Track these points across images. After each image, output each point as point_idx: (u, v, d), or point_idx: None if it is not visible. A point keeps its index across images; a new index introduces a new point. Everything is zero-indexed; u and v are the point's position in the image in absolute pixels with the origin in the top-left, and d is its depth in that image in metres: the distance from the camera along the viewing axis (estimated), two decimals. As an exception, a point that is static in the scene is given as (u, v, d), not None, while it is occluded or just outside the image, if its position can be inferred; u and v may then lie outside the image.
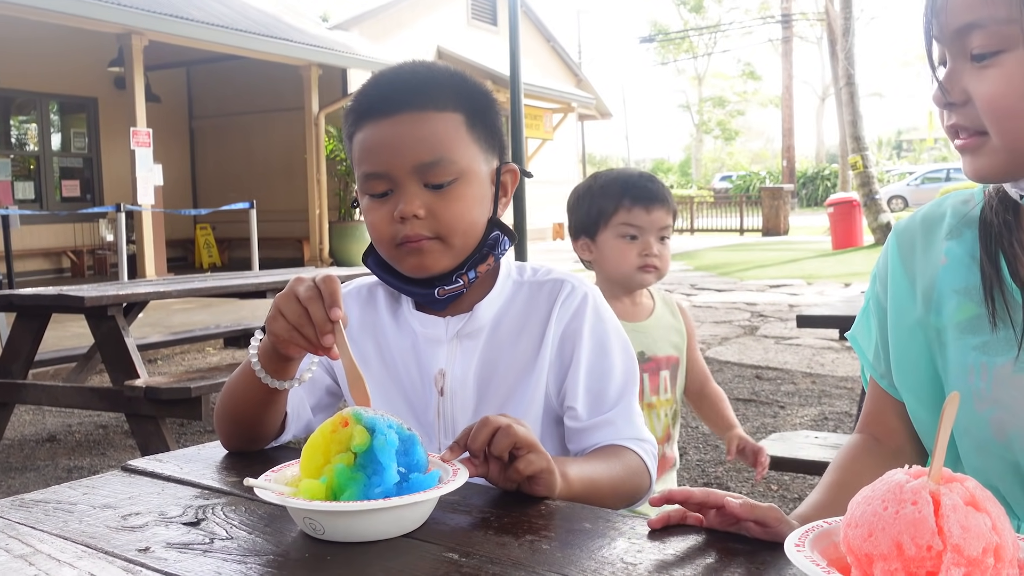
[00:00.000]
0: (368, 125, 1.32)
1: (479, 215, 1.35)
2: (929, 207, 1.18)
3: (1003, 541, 0.69)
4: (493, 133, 1.38)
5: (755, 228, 23.51)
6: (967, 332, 1.07)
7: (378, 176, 1.31)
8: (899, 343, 1.15)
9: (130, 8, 10.54)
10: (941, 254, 1.12)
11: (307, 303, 1.15)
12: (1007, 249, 1.06)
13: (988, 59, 0.96)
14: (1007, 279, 1.05)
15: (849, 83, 16.32)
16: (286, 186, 15.71)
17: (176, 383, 4.06)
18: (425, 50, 17.23)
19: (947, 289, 1.10)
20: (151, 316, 8.55)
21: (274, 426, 1.37)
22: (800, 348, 7.08)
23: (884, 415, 1.20)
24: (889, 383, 1.18)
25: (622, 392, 1.37)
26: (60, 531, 1.05)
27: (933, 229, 1.14)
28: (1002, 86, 0.96)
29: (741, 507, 0.95)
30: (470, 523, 1.05)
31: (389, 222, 1.31)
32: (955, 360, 1.08)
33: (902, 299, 1.15)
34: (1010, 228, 1.06)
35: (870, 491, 0.74)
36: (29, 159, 14.28)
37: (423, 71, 1.35)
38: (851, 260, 14.54)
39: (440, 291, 1.35)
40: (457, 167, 1.30)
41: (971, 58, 0.98)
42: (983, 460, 1.08)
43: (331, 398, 1.47)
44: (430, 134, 1.29)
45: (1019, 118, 0.96)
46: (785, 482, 3.91)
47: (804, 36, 41.56)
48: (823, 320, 3.38)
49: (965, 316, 1.08)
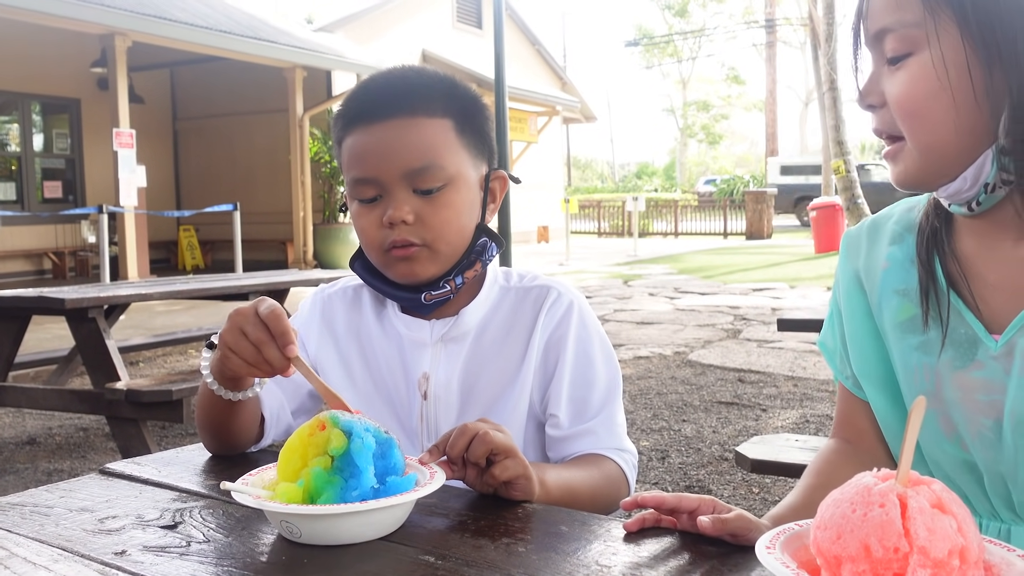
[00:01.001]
0: (358, 130, 1.32)
1: (467, 221, 1.36)
2: (879, 214, 1.22)
3: (968, 543, 0.70)
4: (482, 139, 1.38)
5: (739, 232, 23.61)
6: (907, 332, 1.10)
7: (367, 181, 1.31)
8: (856, 341, 1.17)
9: (113, 9, 10.49)
10: (883, 259, 1.15)
11: (259, 345, 1.11)
12: (940, 250, 1.09)
13: (899, 61, 1.00)
14: (940, 279, 1.08)
15: (832, 88, 16.39)
16: (270, 188, 15.67)
17: (157, 386, 4.04)
18: (410, 53, 17.23)
19: (888, 290, 1.13)
20: (133, 318, 8.51)
21: (249, 432, 1.36)
22: (782, 351, 7.11)
23: (854, 418, 1.21)
24: (854, 384, 1.20)
25: (604, 401, 1.38)
26: (36, 534, 1.05)
27: (878, 234, 1.18)
28: (909, 87, 0.99)
29: (712, 526, 0.95)
30: (447, 526, 1.05)
31: (378, 227, 1.31)
32: (900, 362, 1.11)
33: (854, 300, 1.18)
34: (945, 231, 1.10)
35: (839, 494, 0.75)
36: (11, 160, 14.19)
37: (414, 76, 1.35)
38: (833, 264, 14.52)
39: (427, 296, 1.35)
40: (446, 173, 1.31)
41: (887, 61, 1.01)
42: (941, 456, 1.10)
43: (312, 401, 1.47)
44: (420, 140, 1.30)
45: (925, 118, 0.99)
46: (767, 485, 3.93)
47: (788, 41, 41.75)
48: (804, 324, 3.40)
49: (904, 316, 1.11)
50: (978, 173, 0.99)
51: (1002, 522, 1.08)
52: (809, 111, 44.97)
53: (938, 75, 0.97)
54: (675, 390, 5.79)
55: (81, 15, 10.17)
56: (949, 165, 1.01)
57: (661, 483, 4.00)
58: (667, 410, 5.28)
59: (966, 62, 0.96)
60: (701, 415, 5.14)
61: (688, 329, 8.40)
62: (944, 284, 1.07)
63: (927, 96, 0.98)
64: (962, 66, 0.96)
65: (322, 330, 1.46)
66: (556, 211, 21.35)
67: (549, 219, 22.12)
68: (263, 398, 1.37)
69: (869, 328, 1.16)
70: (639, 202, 19.33)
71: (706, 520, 0.96)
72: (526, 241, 21.11)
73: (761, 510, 3.23)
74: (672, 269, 15.06)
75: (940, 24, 0.96)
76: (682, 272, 14.46)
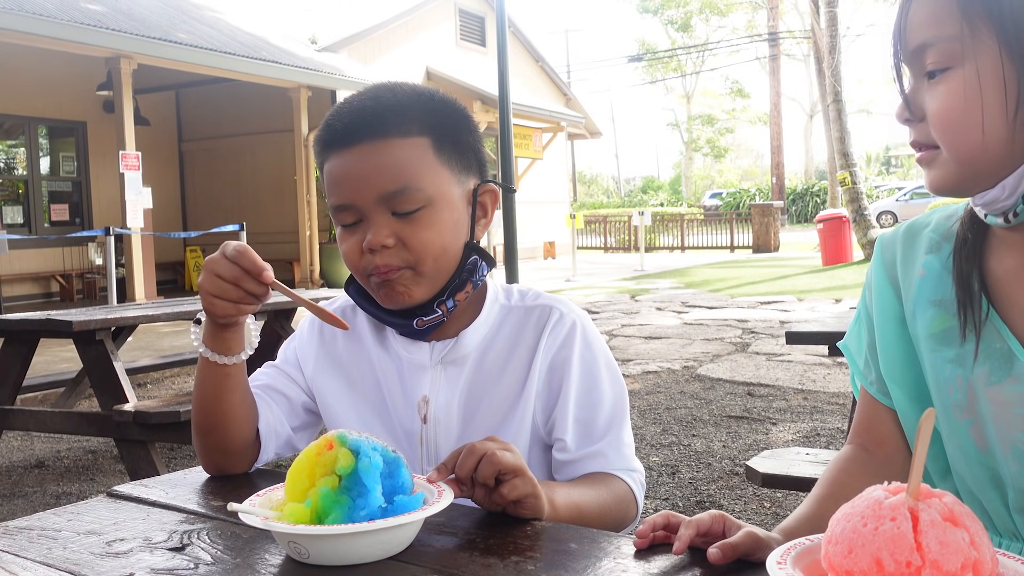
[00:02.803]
0: (333, 156, 1.30)
1: (452, 240, 1.32)
2: (915, 219, 1.21)
3: (981, 556, 0.70)
4: (466, 153, 1.35)
5: (745, 245, 23.58)
6: (942, 344, 1.09)
7: (345, 208, 1.30)
8: (885, 344, 1.17)
9: (119, 32, 10.56)
10: (920, 267, 1.14)
11: (237, 282, 1.19)
12: (977, 263, 1.08)
13: (938, 76, 1.00)
14: (976, 293, 1.07)
15: (836, 100, 16.42)
16: (276, 208, 15.72)
17: (165, 407, 4.04)
18: (414, 71, 17.30)
19: (923, 300, 1.12)
20: (141, 339, 8.52)
21: (243, 425, 1.34)
22: (791, 364, 7.09)
23: (874, 423, 1.20)
24: (878, 389, 1.19)
25: (611, 422, 1.35)
26: (44, 558, 1.05)
27: (914, 241, 1.17)
28: (948, 101, 0.99)
29: (722, 555, 0.94)
30: (456, 544, 1.05)
31: (359, 252, 1.30)
32: (932, 373, 1.10)
33: (886, 304, 1.17)
34: (981, 243, 1.09)
35: (850, 508, 0.74)
36: (18, 183, 14.26)
37: (387, 96, 1.31)
38: (841, 276, 14.58)
39: (419, 322, 1.33)
40: (424, 194, 1.28)
41: (926, 75, 1.01)
42: (967, 468, 1.09)
43: (309, 415, 1.46)
44: (393, 162, 1.27)
45: (963, 132, 0.99)
46: (778, 499, 3.91)
47: (791, 54, 41.84)
48: (812, 336, 3.38)
49: (940, 328, 1.10)
50: (1018, 183, 0.99)
51: (1023, 542, 1.07)
52: (814, 123, 45.01)
53: (977, 89, 0.97)
54: (684, 405, 5.77)
55: (87, 39, 10.24)
56: (985, 175, 1.00)
57: (672, 499, 3.98)
58: (676, 425, 5.26)
59: (1002, 76, 0.96)
60: (711, 429, 5.12)
61: (696, 343, 8.38)
62: (981, 298, 1.07)
63: (965, 110, 0.98)
64: (1000, 80, 0.96)
65: (320, 351, 1.44)
66: (562, 227, 21.36)
67: (555, 235, 22.12)
68: (260, 411, 1.37)
69: (901, 333, 1.15)
70: (645, 217, 19.32)
71: (715, 551, 0.94)
72: (532, 257, 21.12)
73: (772, 525, 3.20)
74: (679, 283, 15.04)
75: (978, 38, 0.97)
76: (689, 286, 14.44)
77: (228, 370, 1.30)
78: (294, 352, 1.47)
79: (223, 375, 1.30)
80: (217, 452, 1.35)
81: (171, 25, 12.15)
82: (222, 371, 1.29)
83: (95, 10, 11.09)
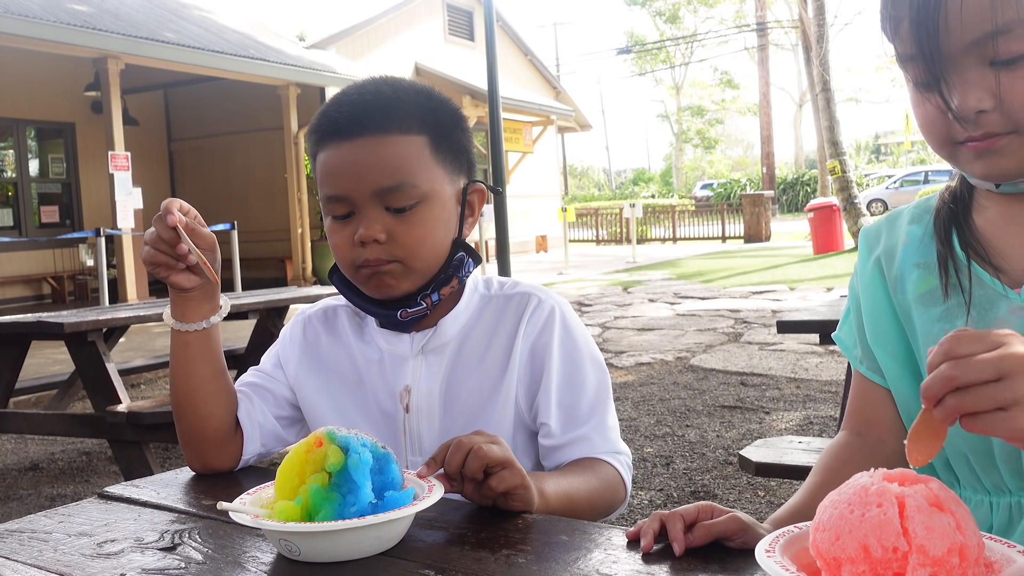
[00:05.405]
0: (330, 146, 1.30)
1: (442, 238, 1.34)
2: (896, 208, 1.25)
3: (967, 541, 0.70)
4: (459, 152, 1.36)
5: (737, 235, 23.61)
6: (928, 304, 1.12)
7: (338, 199, 1.30)
8: (872, 315, 1.19)
9: (106, 32, 10.52)
10: (903, 236, 1.18)
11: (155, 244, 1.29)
12: (958, 225, 1.12)
13: (1018, 62, 0.97)
14: (956, 249, 1.11)
15: (825, 89, 16.43)
16: (267, 206, 15.68)
17: (159, 407, 4.03)
18: (403, 66, 17.27)
19: (907, 264, 1.16)
20: (133, 340, 8.50)
21: (215, 404, 1.38)
22: (784, 353, 7.11)
23: (865, 405, 1.22)
24: (869, 366, 1.20)
25: (595, 405, 1.36)
26: (35, 561, 1.04)
27: (897, 220, 1.22)
28: None
29: (700, 535, 0.96)
30: (447, 539, 1.05)
31: (350, 245, 1.30)
32: (923, 334, 1.12)
33: (874, 283, 1.20)
34: (962, 208, 1.13)
35: (837, 495, 0.75)
36: (7, 185, 14.19)
37: (388, 91, 1.32)
38: (832, 264, 14.61)
39: (403, 313, 1.34)
40: (419, 191, 1.29)
41: (992, 64, 0.98)
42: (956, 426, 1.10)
43: (295, 410, 1.46)
44: (391, 158, 1.28)
45: None
46: (772, 488, 3.92)
47: (780, 43, 41.81)
48: (804, 325, 3.40)
49: (925, 288, 1.13)
50: None
51: (1011, 495, 1.08)
52: (803, 112, 45.07)
53: None
54: (677, 395, 5.78)
55: (74, 39, 10.19)
56: None
57: (666, 489, 3.99)
58: (670, 415, 5.27)
59: None
60: (704, 420, 5.13)
61: (689, 334, 8.40)
62: (962, 254, 1.10)
63: None
64: None
65: (302, 352, 1.46)
66: (554, 220, 21.36)
67: (547, 228, 22.13)
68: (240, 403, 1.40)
69: (886, 306, 1.18)
70: (636, 209, 19.34)
71: (691, 535, 0.97)
72: (524, 251, 21.12)
73: (766, 513, 3.22)
74: (671, 274, 15.06)
75: None
76: (681, 277, 14.46)
77: (187, 338, 1.36)
78: (276, 355, 1.49)
79: (183, 343, 1.36)
80: (194, 438, 1.38)
81: (158, 24, 12.10)
82: (182, 339, 1.36)
83: (82, 11, 11.04)
